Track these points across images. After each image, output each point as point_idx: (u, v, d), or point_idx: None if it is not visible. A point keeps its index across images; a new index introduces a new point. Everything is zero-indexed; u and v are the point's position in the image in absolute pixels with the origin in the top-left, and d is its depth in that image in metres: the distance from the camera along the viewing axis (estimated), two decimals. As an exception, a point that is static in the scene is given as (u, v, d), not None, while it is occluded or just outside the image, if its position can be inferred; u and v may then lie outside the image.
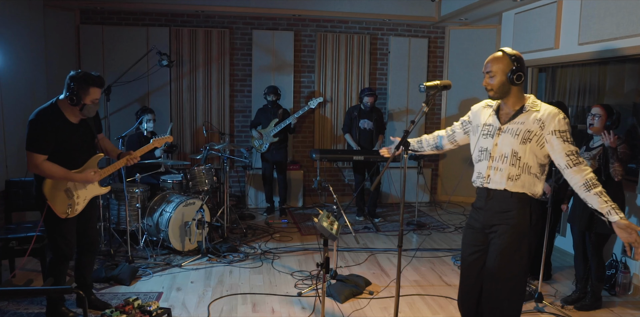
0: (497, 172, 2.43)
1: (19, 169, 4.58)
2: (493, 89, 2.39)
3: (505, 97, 2.42)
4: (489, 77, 2.39)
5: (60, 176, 2.95)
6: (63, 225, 3.04)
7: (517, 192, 2.41)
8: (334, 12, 6.26)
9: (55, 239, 3.04)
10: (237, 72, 6.46)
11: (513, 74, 2.33)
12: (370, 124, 5.84)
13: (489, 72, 2.38)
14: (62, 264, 3.10)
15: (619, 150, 3.28)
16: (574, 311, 3.48)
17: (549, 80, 5.60)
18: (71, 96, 2.91)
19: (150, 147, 3.40)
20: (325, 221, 2.77)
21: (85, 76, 2.93)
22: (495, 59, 2.38)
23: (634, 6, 3.80)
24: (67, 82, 2.93)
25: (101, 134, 3.30)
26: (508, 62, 2.35)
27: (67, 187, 3.04)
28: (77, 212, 3.10)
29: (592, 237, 3.44)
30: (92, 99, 2.97)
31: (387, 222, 5.87)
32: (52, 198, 2.97)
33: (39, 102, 5.02)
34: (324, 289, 2.80)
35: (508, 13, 5.70)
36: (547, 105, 2.39)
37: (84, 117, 3.05)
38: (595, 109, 3.38)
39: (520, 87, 2.41)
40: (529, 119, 2.37)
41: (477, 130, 2.56)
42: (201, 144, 6.24)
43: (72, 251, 3.11)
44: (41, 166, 2.90)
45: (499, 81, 2.37)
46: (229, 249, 4.56)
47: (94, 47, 5.97)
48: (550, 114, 2.34)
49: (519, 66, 2.34)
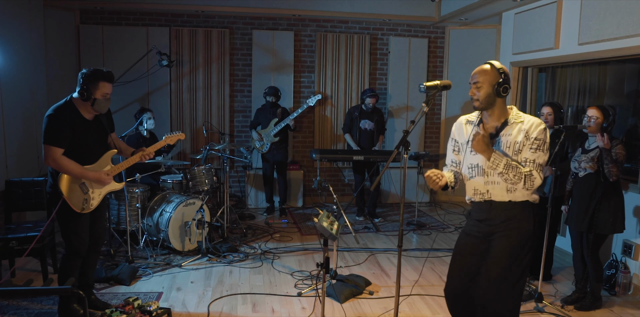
0: (495, 186, 2.47)
1: (19, 169, 4.58)
2: (479, 99, 2.45)
3: (489, 109, 2.47)
4: (476, 87, 2.46)
5: (75, 172, 3.01)
6: (77, 221, 3.07)
7: (520, 201, 2.46)
8: (334, 12, 6.26)
9: (69, 235, 3.08)
10: (237, 72, 6.46)
11: (500, 86, 2.40)
12: (371, 124, 5.84)
13: (476, 82, 2.45)
14: (74, 261, 3.12)
15: (615, 151, 3.29)
16: (574, 311, 3.48)
17: (549, 80, 5.60)
18: (82, 91, 2.98)
19: (162, 144, 3.44)
20: (325, 221, 2.77)
21: (95, 71, 3.01)
22: (483, 70, 2.45)
23: (634, 6, 3.80)
24: (78, 79, 3.01)
25: (114, 134, 3.32)
26: (495, 75, 2.42)
27: (82, 182, 3.08)
28: (92, 207, 3.14)
29: (589, 238, 3.43)
30: (103, 93, 3.02)
31: (387, 222, 5.87)
32: (68, 193, 3.01)
33: (39, 102, 5.04)
34: (324, 289, 2.80)
35: (508, 13, 5.70)
36: (530, 117, 2.47)
37: (96, 112, 3.10)
38: (592, 111, 3.37)
39: (504, 100, 2.49)
40: (514, 130, 2.44)
41: (463, 147, 2.60)
42: (201, 144, 6.24)
43: (84, 247, 3.14)
44: (59, 160, 2.95)
45: (485, 92, 2.43)
46: (229, 249, 4.56)
47: (94, 47, 5.98)
48: (533, 124, 2.42)
49: (506, 79, 2.42)
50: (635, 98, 4.97)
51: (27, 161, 4.82)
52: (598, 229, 3.37)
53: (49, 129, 2.95)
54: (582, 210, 3.44)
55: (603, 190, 3.34)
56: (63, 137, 2.95)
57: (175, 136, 3.51)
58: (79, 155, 3.03)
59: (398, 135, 6.72)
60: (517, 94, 5.49)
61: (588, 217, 3.40)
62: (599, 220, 3.37)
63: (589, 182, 3.41)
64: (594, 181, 3.38)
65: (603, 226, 3.37)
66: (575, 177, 3.57)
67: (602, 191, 3.34)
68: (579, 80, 5.35)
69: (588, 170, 3.40)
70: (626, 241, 3.88)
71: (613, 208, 3.37)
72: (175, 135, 3.51)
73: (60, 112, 2.98)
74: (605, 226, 3.37)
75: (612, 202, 3.37)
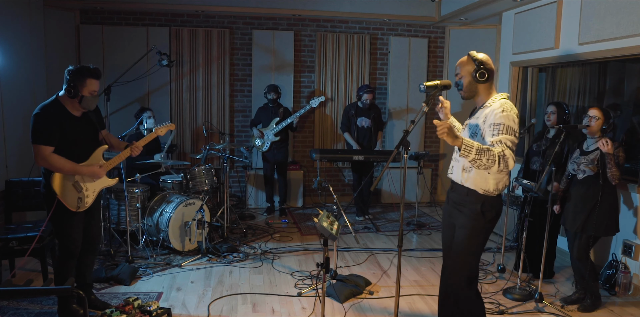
0: (456, 163, 2.66)
1: (19, 169, 4.58)
2: (463, 89, 2.61)
3: (474, 96, 2.62)
4: (459, 79, 2.62)
5: (68, 168, 2.99)
6: (70, 222, 3.06)
7: (470, 188, 2.56)
8: (334, 12, 6.26)
9: (62, 237, 3.07)
10: (237, 72, 6.46)
11: (476, 72, 2.53)
12: (368, 121, 5.81)
13: (458, 74, 2.62)
14: (68, 262, 3.11)
15: (616, 155, 3.28)
16: (575, 312, 3.48)
17: (549, 80, 5.60)
18: (69, 88, 2.96)
19: (153, 136, 3.43)
20: (325, 221, 2.77)
21: (82, 68, 2.98)
22: (461, 62, 2.62)
23: (634, 6, 3.80)
24: (65, 76, 2.99)
25: (105, 131, 3.31)
26: (471, 63, 2.56)
27: (75, 181, 3.06)
28: (87, 205, 3.13)
29: (581, 239, 3.42)
30: (90, 90, 3.00)
31: (387, 222, 5.87)
32: (62, 193, 3.00)
33: (39, 101, 4.98)
34: (324, 289, 2.80)
35: (508, 13, 5.70)
36: (498, 102, 2.52)
37: (84, 110, 3.08)
38: (593, 112, 3.37)
39: (487, 86, 2.58)
40: (481, 114, 2.55)
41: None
42: (201, 144, 6.24)
43: (77, 248, 3.13)
44: (49, 158, 2.92)
45: (467, 82, 2.58)
46: (229, 249, 4.56)
47: (94, 47, 5.97)
48: (493, 110, 2.48)
49: (479, 65, 2.53)
50: (635, 98, 4.97)
51: (27, 161, 4.81)
52: (592, 230, 3.36)
53: (37, 128, 2.91)
54: (578, 211, 3.43)
55: (601, 192, 3.33)
56: (51, 136, 2.93)
57: (164, 127, 3.50)
58: (70, 152, 3.01)
59: (398, 135, 6.73)
60: (517, 94, 5.49)
61: (582, 218, 3.39)
62: (594, 222, 3.36)
63: (588, 183, 3.40)
64: (593, 182, 3.38)
65: (597, 228, 3.36)
66: (571, 178, 3.56)
67: (601, 193, 3.33)
68: (579, 80, 5.34)
69: (588, 172, 3.39)
70: (626, 241, 3.88)
71: (608, 210, 3.37)
72: (165, 127, 3.51)
73: (47, 110, 2.95)
74: (599, 227, 3.37)
75: (608, 204, 3.37)
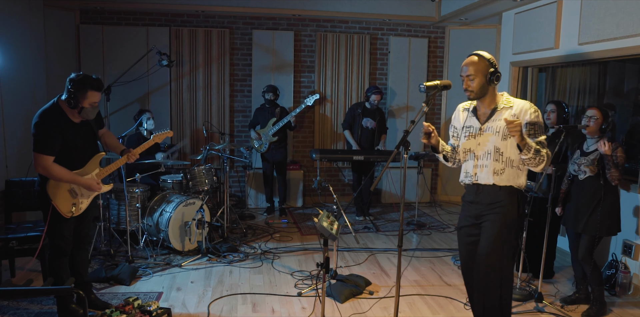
0: (483, 169, 2.62)
1: (19, 169, 4.58)
2: (474, 90, 2.57)
3: (482, 97, 2.60)
4: (469, 80, 2.56)
5: (67, 178, 2.98)
6: (64, 224, 3.05)
7: (504, 185, 2.58)
8: (334, 12, 6.26)
9: (54, 236, 3.06)
10: (237, 72, 6.46)
11: (492, 75, 2.52)
12: (373, 123, 5.79)
13: (469, 75, 2.55)
14: (59, 259, 3.11)
15: (615, 155, 3.27)
16: (575, 312, 3.47)
17: (549, 80, 5.60)
18: (69, 99, 2.93)
19: (150, 144, 3.42)
20: (325, 221, 2.77)
21: (84, 79, 2.94)
22: (472, 62, 2.55)
23: (634, 6, 3.80)
24: (66, 85, 2.95)
25: (104, 129, 3.30)
26: (486, 64, 2.53)
27: (71, 187, 3.06)
28: (81, 211, 3.12)
29: (585, 240, 3.40)
30: (90, 102, 2.97)
31: (387, 222, 5.87)
32: (56, 198, 2.98)
33: (39, 102, 5.03)
34: (324, 289, 2.80)
35: (508, 13, 5.70)
36: (519, 101, 2.58)
37: (83, 119, 3.07)
38: (592, 111, 3.36)
39: (495, 87, 2.60)
40: (504, 115, 2.54)
41: (460, 133, 2.76)
42: (201, 144, 6.24)
43: (69, 247, 3.12)
44: (50, 168, 2.91)
45: (478, 83, 2.54)
46: (229, 249, 4.56)
47: (94, 47, 5.97)
48: (522, 108, 2.54)
49: (496, 67, 2.54)
50: (636, 98, 4.97)
51: (27, 161, 4.79)
52: (593, 230, 3.35)
53: (38, 136, 2.89)
54: (579, 211, 3.43)
55: (603, 193, 3.33)
56: (53, 145, 2.91)
57: (163, 134, 3.50)
58: (68, 158, 2.99)
59: (398, 135, 6.72)
60: (517, 94, 5.49)
61: (585, 218, 3.39)
62: (595, 222, 3.35)
63: (589, 184, 3.39)
64: (594, 183, 3.37)
65: (599, 228, 3.36)
66: (572, 178, 3.56)
67: (602, 194, 3.33)
68: (579, 80, 5.35)
69: (588, 173, 3.39)
70: (626, 241, 3.88)
71: (609, 211, 3.36)
72: (163, 133, 3.51)
73: (49, 117, 2.93)
74: (601, 228, 3.36)
75: (609, 204, 3.36)
